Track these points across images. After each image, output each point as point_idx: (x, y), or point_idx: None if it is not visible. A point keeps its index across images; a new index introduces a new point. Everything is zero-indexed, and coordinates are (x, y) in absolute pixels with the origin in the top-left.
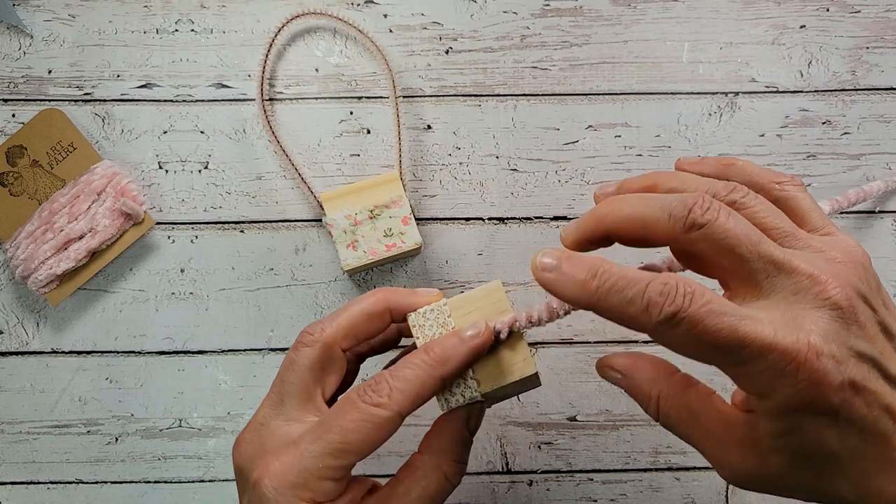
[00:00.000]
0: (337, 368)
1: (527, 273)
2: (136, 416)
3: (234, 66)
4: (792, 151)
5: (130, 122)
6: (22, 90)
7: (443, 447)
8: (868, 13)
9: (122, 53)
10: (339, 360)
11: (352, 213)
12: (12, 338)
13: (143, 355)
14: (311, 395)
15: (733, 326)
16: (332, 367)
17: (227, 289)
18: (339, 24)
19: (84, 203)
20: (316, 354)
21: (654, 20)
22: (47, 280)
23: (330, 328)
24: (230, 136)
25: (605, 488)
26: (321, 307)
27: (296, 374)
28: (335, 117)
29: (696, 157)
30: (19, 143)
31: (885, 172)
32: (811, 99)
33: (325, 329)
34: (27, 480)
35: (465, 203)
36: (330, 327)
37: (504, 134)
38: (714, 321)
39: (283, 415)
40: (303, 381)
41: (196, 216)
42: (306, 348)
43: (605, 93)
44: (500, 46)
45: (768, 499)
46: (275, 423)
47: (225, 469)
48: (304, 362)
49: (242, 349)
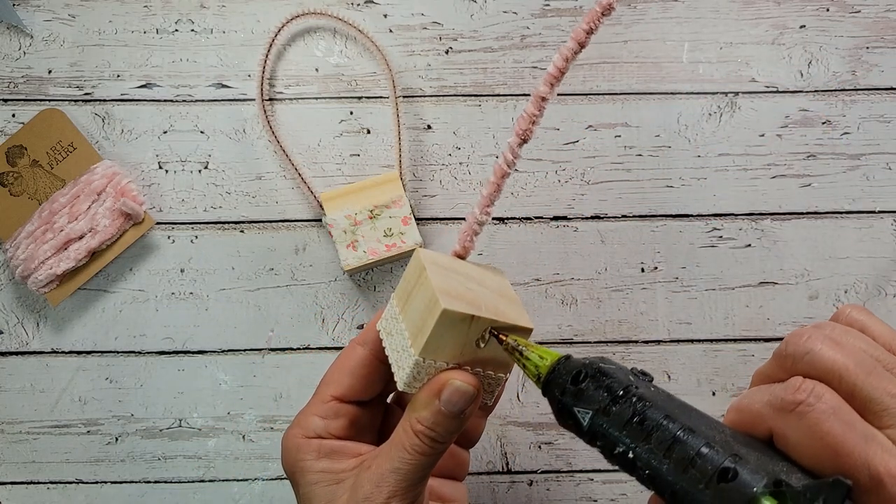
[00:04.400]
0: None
1: (526, 273)
2: (135, 416)
3: (234, 66)
4: (792, 151)
5: (130, 122)
6: (22, 90)
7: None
8: (868, 13)
9: (122, 53)
10: (343, 415)
11: (352, 213)
12: (12, 338)
13: (143, 355)
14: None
15: (856, 440)
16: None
17: (227, 289)
18: (339, 24)
19: (84, 203)
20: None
21: (654, 20)
22: (47, 280)
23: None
24: (230, 136)
25: (605, 488)
26: (321, 307)
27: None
28: (335, 117)
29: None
30: (19, 143)
31: (885, 172)
32: (811, 99)
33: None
34: (27, 480)
35: (465, 203)
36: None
37: (504, 134)
38: (840, 426)
39: None
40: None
41: (196, 216)
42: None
43: (605, 93)
44: (500, 46)
45: None
46: None
47: (224, 469)
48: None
49: (242, 349)
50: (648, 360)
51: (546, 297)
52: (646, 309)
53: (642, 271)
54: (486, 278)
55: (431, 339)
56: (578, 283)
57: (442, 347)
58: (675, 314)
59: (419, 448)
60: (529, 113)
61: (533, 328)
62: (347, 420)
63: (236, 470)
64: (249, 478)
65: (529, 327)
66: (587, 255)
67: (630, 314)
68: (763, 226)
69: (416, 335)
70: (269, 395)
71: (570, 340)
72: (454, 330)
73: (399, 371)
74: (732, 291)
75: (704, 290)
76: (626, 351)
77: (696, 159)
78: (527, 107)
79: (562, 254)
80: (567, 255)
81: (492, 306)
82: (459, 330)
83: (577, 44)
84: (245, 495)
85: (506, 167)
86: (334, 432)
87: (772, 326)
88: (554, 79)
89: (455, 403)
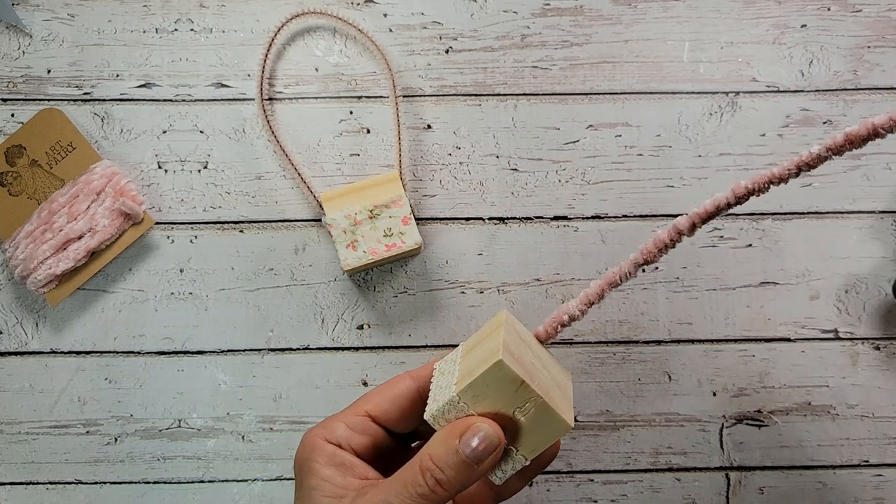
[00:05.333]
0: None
1: (526, 273)
2: (135, 417)
3: (234, 65)
4: (793, 151)
5: (130, 121)
6: (21, 90)
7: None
8: (869, 13)
9: (121, 53)
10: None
11: (352, 213)
12: (11, 338)
13: (143, 355)
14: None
15: None
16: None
17: (227, 289)
18: (339, 24)
19: (83, 203)
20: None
21: (655, 20)
22: (46, 280)
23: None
24: (230, 135)
25: (605, 489)
26: (321, 307)
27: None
28: (335, 117)
29: None
30: (18, 142)
31: (886, 172)
32: (812, 98)
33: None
34: (26, 480)
35: (465, 203)
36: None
37: (504, 134)
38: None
39: None
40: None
41: (195, 216)
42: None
43: (605, 92)
44: (500, 46)
45: (769, 500)
46: None
47: (224, 469)
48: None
49: (242, 349)
50: (649, 361)
51: (546, 297)
52: (646, 309)
53: (643, 271)
54: (553, 366)
55: (475, 383)
56: (579, 283)
57: (482, 396)
58: (675, 314)
59: (419, 489)
60: (661, 240)
61: (573, 427)
62: (371, 441)
63: (236, 470)
64: (249, 478)
65: (570, 424)
66: (587, 255)
67: (631, 314)
68: (764, 226)
69: (463, 377)
70: (269, 396)
71: (571, 341)
72: (500, 385)
73: (432, 403)
74: (733, 291)
75: (705, 291)
76: (627, 351)
77: (696, 159)
78: (660, 233)
79: (562, 254)
80: (567, 255)
81: (545, 387)
82: (505, 389)
83: (735, 198)
84: (244, 496)
85: (618, 279)
86: (354, 447)
87: (773, 327)
88: (699, 218)
89: (474, 448)
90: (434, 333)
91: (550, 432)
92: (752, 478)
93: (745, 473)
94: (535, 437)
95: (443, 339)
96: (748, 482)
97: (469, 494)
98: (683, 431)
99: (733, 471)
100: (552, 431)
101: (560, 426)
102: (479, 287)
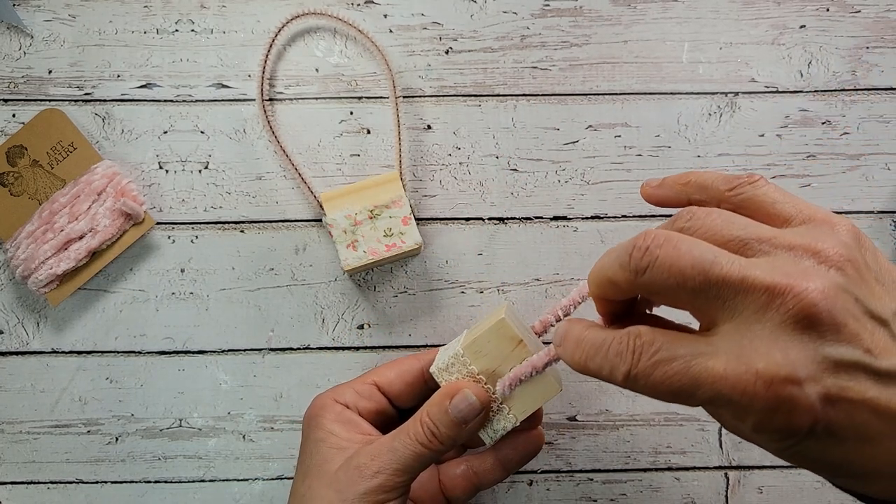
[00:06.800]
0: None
1: (526, 273)
2: (136, 416)
3: (235, 66)
4: (791, 151)
5: (130, 122)
6: (22, 90)
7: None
8: (868, 13)
9: (122, 53)
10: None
11: (352, 213)
12: (12, 338)
13: (144, 355)
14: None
15: (683, 371)
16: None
17: (227, 289)
18: (339, 24)
19: (84, 203)
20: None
21: (654, 20)
22: (47, 280)
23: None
24: (230, 136)
25: (604, 488)
26: (321, 307)
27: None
28: (335, 117)
29: (657, 179)
30: (19, 143)
31: (885, 173)
32: (811, 99)
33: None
34: (27, 480)
35: (465, 203)
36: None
37: (504, 134)
38: (663, 371)
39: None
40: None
41: (196, 216)
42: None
43: (605, 93)
44: (500, 46)
45: (769, 500)
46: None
47: (225, 469)
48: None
49: (242, 349)
50: None
51: (546, 297)
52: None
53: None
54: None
55: (479, 339)
56: (579, 283)
57: (483, 353)
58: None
59: (419, 437)
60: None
61: (561, 390)
62: (376, 406)
63: (236, 470)
64: (249, 478)
65: (559, 387)
66: (587, 255)
67: None
68: None
69: (467, 337)
70: (270, 395)
71: None
72: (500, 343)
73: (438, 361)
74: None
75: None
76: None
77: (696, 159)
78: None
79: (562, 254)
80: (567, 255)
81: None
82: (504, 347)
83: None
84: (245, 495)
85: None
86: (360, 410)
87: None
88: None
89: (460, 410)
90: (434, 333)
91: (541, 394)
92: (751, 477)
93: (744, 473)
94: (527, 398)
95: (443, 338)
96: (747, 481)
97: (450, 479)
98: (683, 431)
99: (732, 470)
100: (543, 393)
101: (550, 388)
102: (478, 287)
